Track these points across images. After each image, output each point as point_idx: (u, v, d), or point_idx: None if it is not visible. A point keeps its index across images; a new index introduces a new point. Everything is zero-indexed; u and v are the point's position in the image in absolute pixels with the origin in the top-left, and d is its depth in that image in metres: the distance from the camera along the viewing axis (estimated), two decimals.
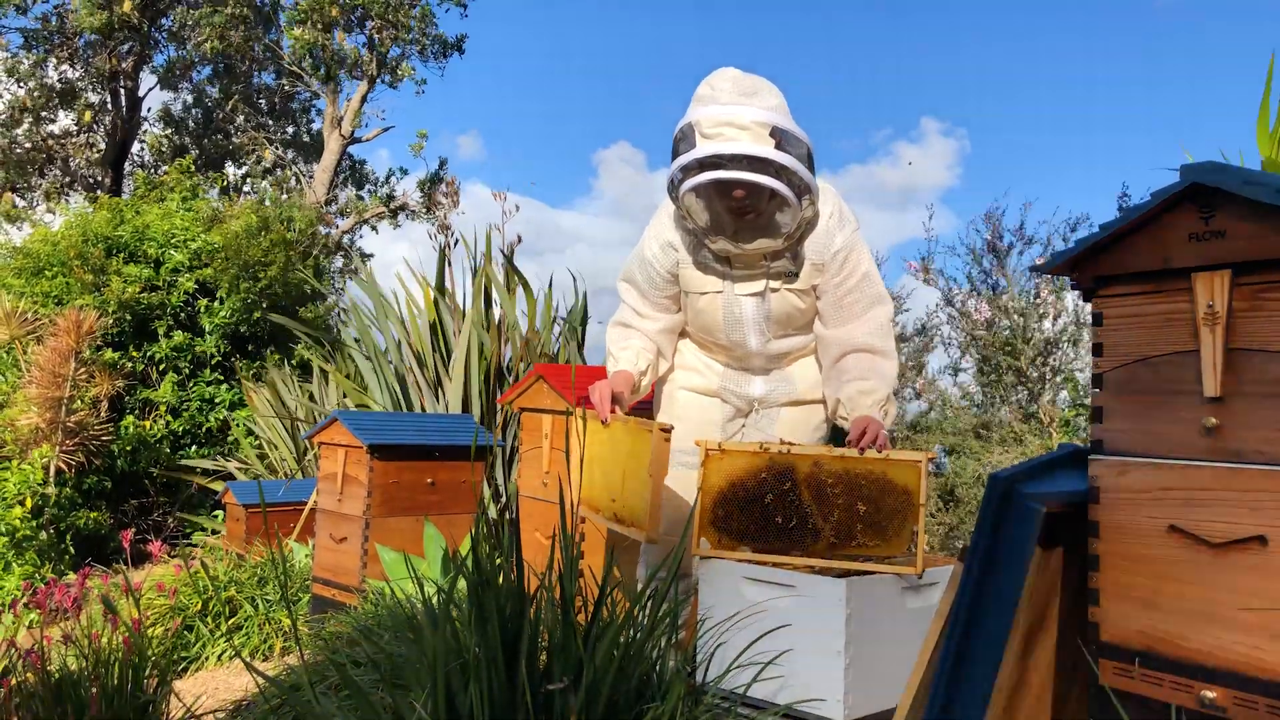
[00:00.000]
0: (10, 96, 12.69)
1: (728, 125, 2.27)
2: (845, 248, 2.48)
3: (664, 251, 2.59)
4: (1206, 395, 1.38)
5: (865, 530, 2.17)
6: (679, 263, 2.58)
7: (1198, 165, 1.37)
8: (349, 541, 3.85)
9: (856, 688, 1.98)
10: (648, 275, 2.63)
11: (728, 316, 2.58)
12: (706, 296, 2.58)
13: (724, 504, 2.26)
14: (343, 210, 13.67)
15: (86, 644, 2.60)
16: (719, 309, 2.58)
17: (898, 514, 2.16)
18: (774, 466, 2.24)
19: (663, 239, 2.58)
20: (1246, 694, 1.32)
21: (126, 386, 7.16)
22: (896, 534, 2.16)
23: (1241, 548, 1.34)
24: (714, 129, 2.28)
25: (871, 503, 2.17)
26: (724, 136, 2.26)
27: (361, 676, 1.98)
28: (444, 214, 6.07)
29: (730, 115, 2.26)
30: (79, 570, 4.33)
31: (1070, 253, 1.53)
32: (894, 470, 2.17)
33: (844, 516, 2.19)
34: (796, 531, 2.21)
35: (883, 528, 2.16)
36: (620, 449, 2.39)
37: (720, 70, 2.38)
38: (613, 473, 2.40)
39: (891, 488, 2.17)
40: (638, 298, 2.68)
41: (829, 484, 2.20)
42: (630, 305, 2.70)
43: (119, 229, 7.68)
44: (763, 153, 2.25)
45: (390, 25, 11.90)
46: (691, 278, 2.58)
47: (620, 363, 2.62)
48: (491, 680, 1.57)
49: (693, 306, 2.63)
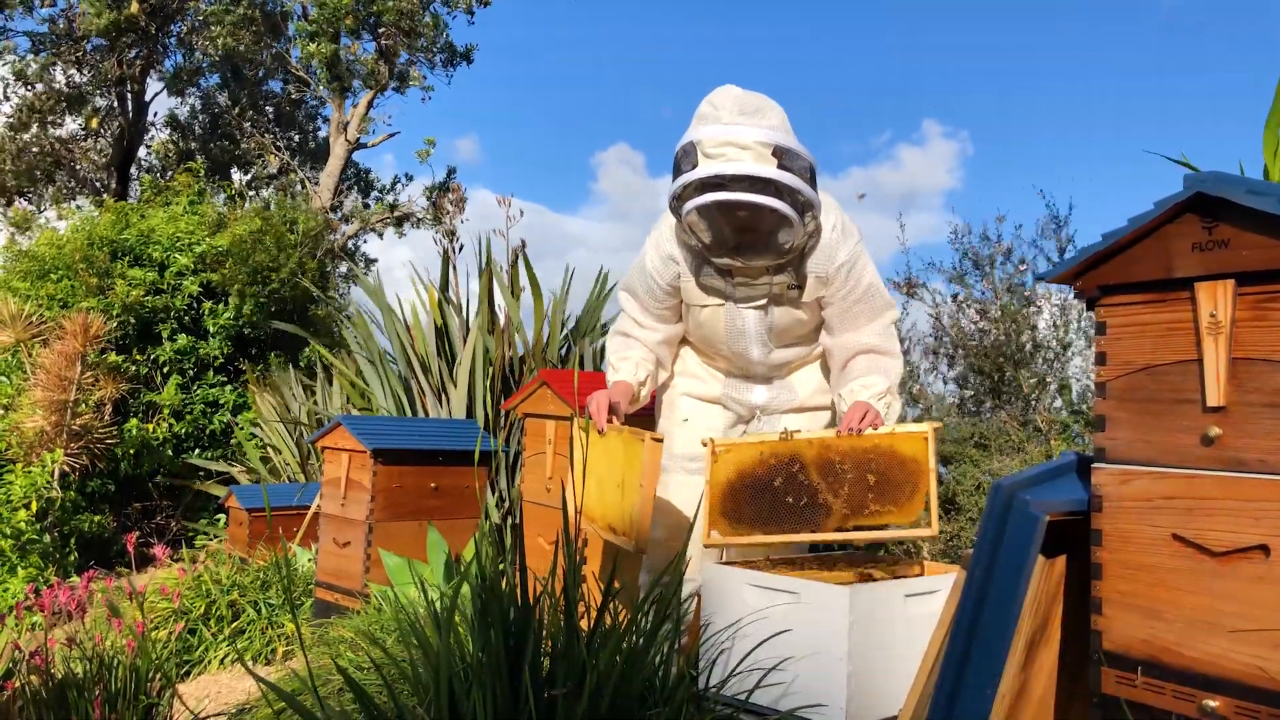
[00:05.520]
0: (18, 100, 12.74)
1: (730, 145, 2.27)
2: (849, 261, 2.50)
3: (665, 264, 2.59)
4: (1209, 404, 1.38)
5: (877, 500, 2.19)
6: (680, 275, 2.59)
7: (1201, 175, 1.38)
8: (352, 546, 3.85)
9: (859, 695, 1.98)
10: (648, 286, 2.63)
11: (730, 329, 2.59)
12: (708, 309, 2.59)
13: (733, 495, 2.28)
14: (348, 216, 13.70)
15: (90, 647, 2.60)
16: (721, 321, 2.59)
17: (908, 483, 2.18)
18: (781, 453, 2.27)
19: (663, 251, 2.59)
20: (1248, 703, 1.32)
21: (130, 389, 7.18)
22: (909, 501, 2.18)
23: (1244, 557, 1.34)
24: (716, 149, 2.28)
25: (881, 474, 2.20)
26: (726, 157, 2.26)
27: (364, 681, 1.99)
28: (450, 220, 6.08)
29: (732, 135, 2.26)
30: (83, 573, 4.34)
31: (1073, 262, 1.53)
32: (901, 443, 2.21)
33: (854, 490, 2.21)
34: (808, 510, 2.23)
35: (894, 497, 2.18)
36: (615, 459, 2.40)
37: (722, 88, 2.38)
38: (607, 482, 2.41)
39: (900, 459, 2.20)
40: (638, 308, 2.69)
41: (837, 462, 2.23)
42: (630, 315, 2.71)
43: (124, 232, 7.71)
44: (765, 173, 2.25)
45: (403, 33, 11.93)
46: (693, 290, 2.58)
47: (619, 373, 2.63)
48: (494, 685, 1.57)
49: (694, 319, 2.64)
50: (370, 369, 5.80)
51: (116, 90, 13.02)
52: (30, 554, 5.65)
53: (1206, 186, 1.36)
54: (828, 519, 2.21)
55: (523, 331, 5.68)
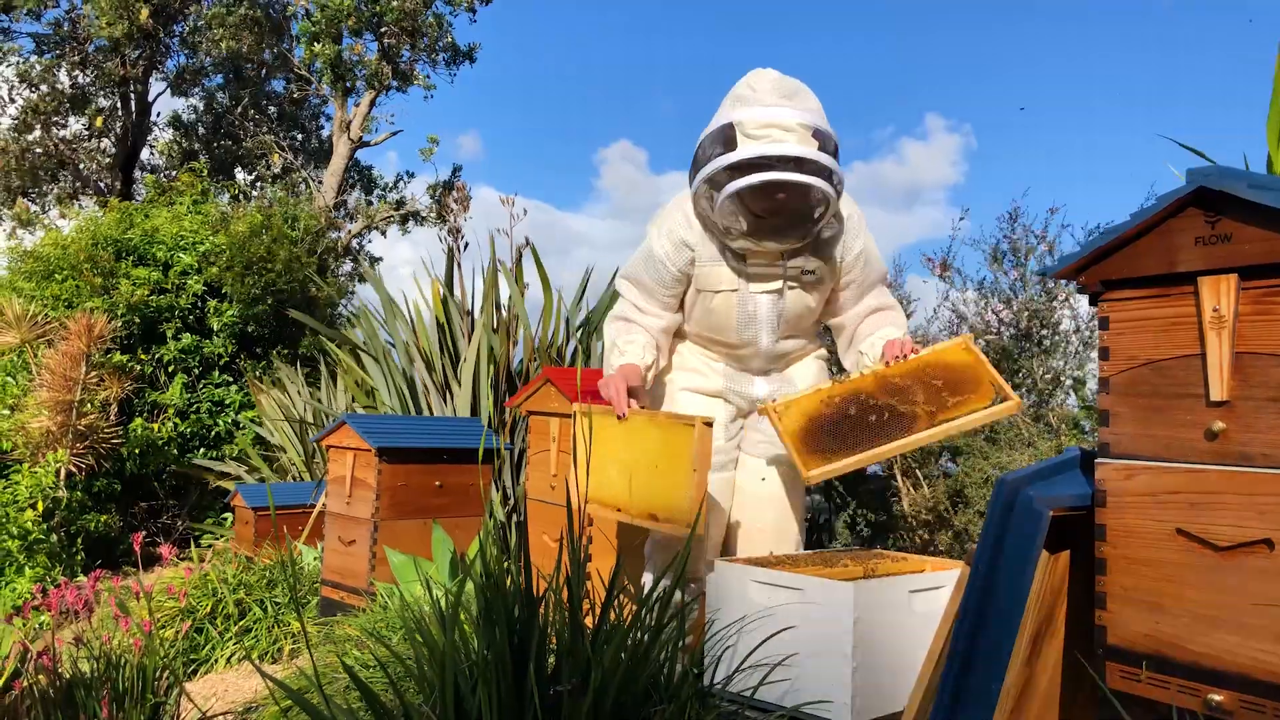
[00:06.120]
0: (23, 101, 12.76)
1: (774, 126, 2.27)
2: (865, 250, 2.60)
3: (677, 250, 2.57)
4: (1213, 399, 1.38)
5: (951, 394, 2.29)
6: (694, 261, 2.57)
7: (1204, 169, 1.38)
8: (357, 544, 3.86)
9: (864, 691, 1.98)
10: (657, 274, 2.61)
11: (742, 315, 2.58)
12: (721, 295, 2.57)
13: (814, 434, 2.35)
14: (351, 215, 13.71)
15: (98, 646, 2.62)
16: (734, 307, 2.57)
17: (970, 377, 2.30)
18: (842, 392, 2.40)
19: (675, 237, 2.57)
20: (1254, 697, 1.32)
21: (135, 389, 7.20)
22: (980, 387, 2.28)
23: (1248, 551, 1.34)
24: (760, 130, 2.28)
25: (943, 378, 2.32)
26: (771, 138, 2.27)
27: (370, 679, 1.99)
28: (454, 219, 6.08)
29: (775, 116, 2.28)
30: (89, 573, 4.35)
31: (1076, 256, 1.53)
32: (947, 355, 2.35)
33: (928, 393, 2.32)
34: (893, 421, 2.31)
35: (965, 389, 2.29)
36: (647, 444, 2.36)
37: (758, 71, 2.40)
38: (637, 469, 2.37)
39: (953, 363, 2.34)
40: (641, 295, 2.67)
41: (898, 382, 2.35)
42: (631, 301, 2.69)
43: (128, 232, 7.72)
44: (811, 155, 2.27)
45: (406, 33, 11.91)
46: (707, 275, 2.57)
47: (627, 356, 2.59)
48: (500, 683, 1.58)
49: (704, 305, 2.62)
50: (375, 366, 5.81)
51: (120, 91, 13.04)
52: (37, 554, 5.67)
53: (1209, 181, 1.36)
54: (915, 422, 2.29)
55: (528, 329, 5.69)
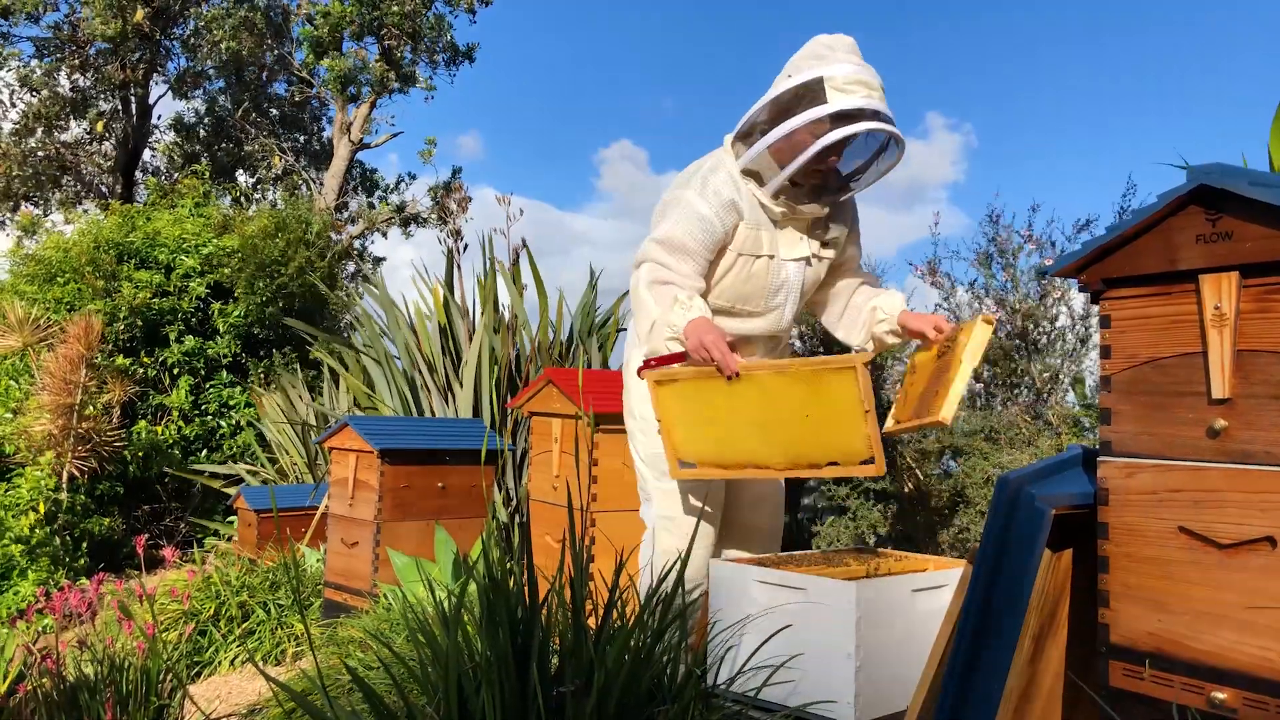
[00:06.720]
0: (24, 105, 12.78)
1: (860, 84, 2.30)
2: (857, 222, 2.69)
3: (726, 210, 2.46)
4: (1215, 397, 1.38)
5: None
6: (739, 224, 2.49)
7: (1205, 167, 1.38)
8: (360, 546, 3.86)
9: (867, 690, 1.98)
10: (706, 234, 2.47)
11: (774, 281, 2.53)
12: (760, 260, 2.52)
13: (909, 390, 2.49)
14: (353, 217, 13.72)
15: (101, 649, 2.62)
16: (767, 274, 2.53)
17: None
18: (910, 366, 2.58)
19: (724, 197, 2.46)
20: (1257, 695, 1.32)
21: (139, 392, 7.20)
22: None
23: (1251, 549, 1.34)
24: (851, 85, 2.30)
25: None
26: (861, 94, 2.30)
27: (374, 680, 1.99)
28: (454, 220, 6.09)
29: (861, 75, 2.31)
30: (93, 576, 4.36)
31: (1077, 255, 1.53)
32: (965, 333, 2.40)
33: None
34: None
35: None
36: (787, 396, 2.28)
37: (829, 35, 2.42)
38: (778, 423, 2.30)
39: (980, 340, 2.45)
40: (677, 258, 2.49)
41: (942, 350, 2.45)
42: (666, 265, 2.50)
43: (130, 235, 7.73)
44: (891, 114, 2.32)
45: (405, 35, 11.92)
46: (750, 239, 2.50)
47: (693, 311, 2.41)
48: (503, 684, 1.58)
49: (743, 270, 2.53)
50: (376, 369, 5.81)
51: (120, 94, 13.06)
52: (40, 557, 5.67)
53: (1210, 179, 1.36)
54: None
55: (529, 329, 5.69)
